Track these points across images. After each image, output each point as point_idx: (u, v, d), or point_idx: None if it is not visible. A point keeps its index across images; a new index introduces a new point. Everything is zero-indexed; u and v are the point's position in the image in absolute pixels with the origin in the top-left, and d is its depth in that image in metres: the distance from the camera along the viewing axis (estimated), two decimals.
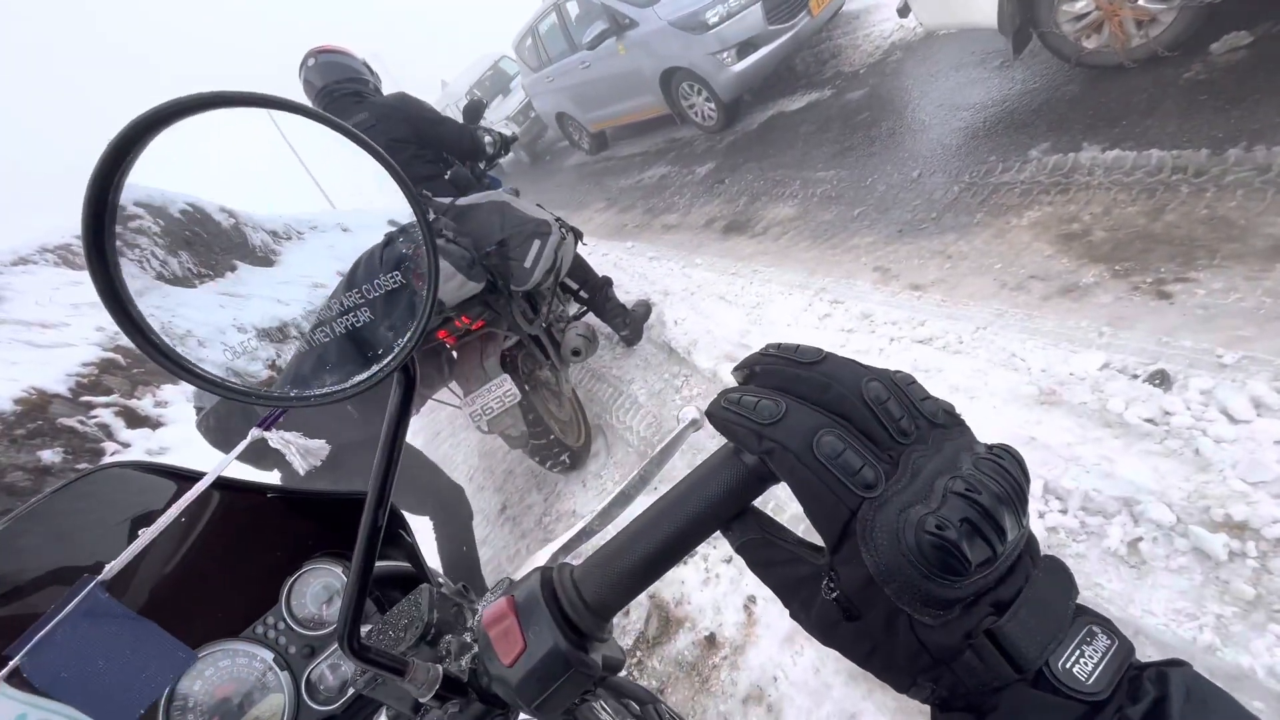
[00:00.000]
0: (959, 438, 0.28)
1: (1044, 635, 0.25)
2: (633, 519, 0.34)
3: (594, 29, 5.45)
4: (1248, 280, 1.64)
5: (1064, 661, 0.24)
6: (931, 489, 0.25)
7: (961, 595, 0.25)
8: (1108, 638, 0.25)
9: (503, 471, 3.36)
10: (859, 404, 0.28)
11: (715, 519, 0.32)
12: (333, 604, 0.52)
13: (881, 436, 0.27)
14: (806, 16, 4.33)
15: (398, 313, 0.40)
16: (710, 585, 1.91)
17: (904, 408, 0.28)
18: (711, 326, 2.86)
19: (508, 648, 0.33)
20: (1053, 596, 0.26)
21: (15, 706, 0.36)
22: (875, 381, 0.28)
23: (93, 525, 0.47)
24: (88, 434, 4.09)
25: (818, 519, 0.28)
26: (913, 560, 0.24)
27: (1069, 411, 1.56)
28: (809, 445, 0.27)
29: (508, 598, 0.35)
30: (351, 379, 0.37)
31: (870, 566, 0.26)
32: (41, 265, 6.67)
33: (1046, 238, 2.19)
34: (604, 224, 5.62)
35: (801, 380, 0.29)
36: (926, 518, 0.24)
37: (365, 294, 0.40)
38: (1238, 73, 2.24)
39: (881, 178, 3.18)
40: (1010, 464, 0.26)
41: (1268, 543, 1.14)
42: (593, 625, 0.34)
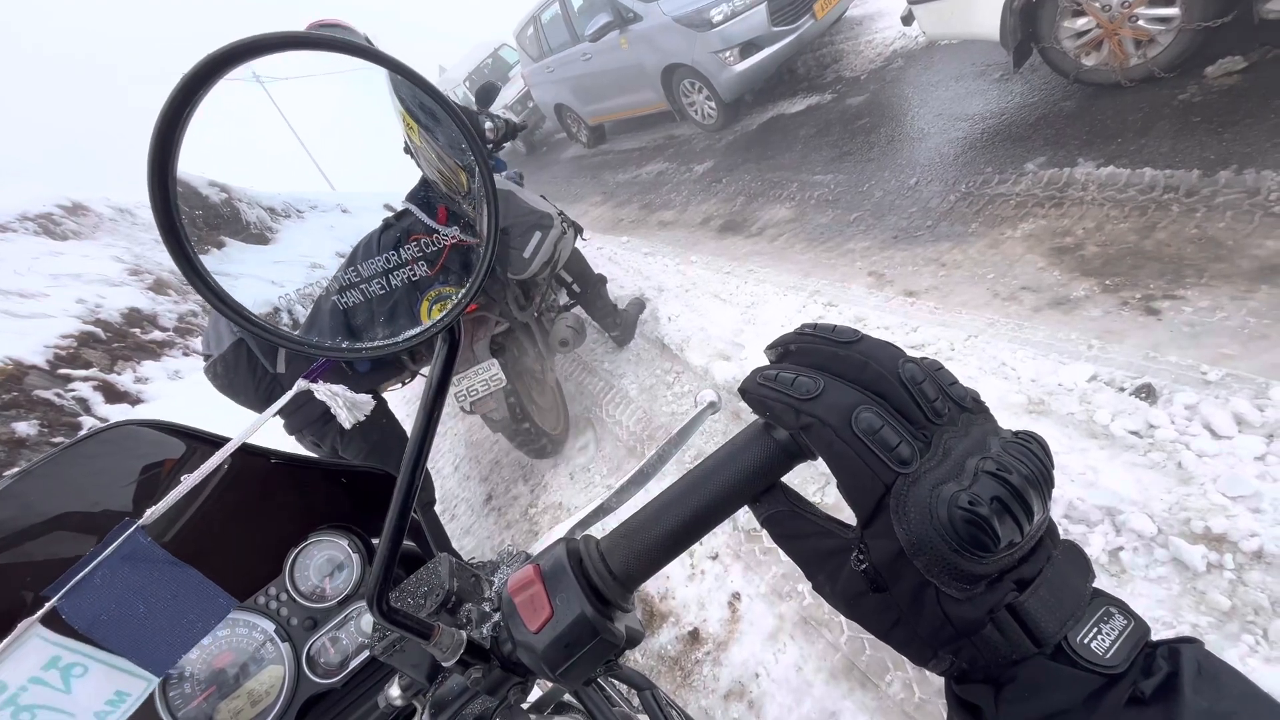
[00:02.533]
0: (985, 423, 0.29)
1: (1063, 612, 0.26)
2: (661, 492, 0.34)
3: (597, 21, 5.42)
4: (1233, 300, 1.68)
5: (1082, 637, 0.25)
6: (963, 468, 0.26)
7: (988, 571, 0.26)
8: (1124, 617, 0.26)
9: (489, 461, 3.34)
10: (896, 384, 0.28)
11: (744, 493, 0.33)
12: (336, 577, 0.52)
13: (917, 416, 0.28)
14: (810, 20, 4.34)
15: (451, 274, 0.41)
16: (696, 581, 1.92)
17: (938, 390, 0.28)
18: (705, 324, 2.86)
19: (534, 614, 0.33)
20: (1071, 577, 0.27)
21: (48, 649, 0.36)
22: (911, 363, 0.29)
23: (111, 477, 0.46)
24: (64, 407, 4.00)
25: (852, 493, 0.28)
26: (944, 535, 0.25)
27: (1057, 421, 1.58)
28: (847, 421, 0.27)
29: (533, 566, 0.35)
30: (402, 333, 0.37)
31: (902, 540, 0.26)
32: (22, 234, 6.52)
33: (1040, 250, 2.22)
34: (600, 218, 5.60)
35: (839, 359, 0.30)
36: (959, 494, 0.25)
37: (424, 248, 0.40)
38: (1231, 96, 2.28)
39: (879, 184, 3.20)
40: (1037, 448, 0.27)
41: (1245, 556, 1.17)
42: (619, 595, 0.35)
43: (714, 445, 0.36)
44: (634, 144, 6.78)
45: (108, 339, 4.94)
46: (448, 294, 0.36)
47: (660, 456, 0.45)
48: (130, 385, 4.61)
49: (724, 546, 1.93)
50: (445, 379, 0.39)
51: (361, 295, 0.39)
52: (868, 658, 1.44)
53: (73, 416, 4.00)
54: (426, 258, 0.43)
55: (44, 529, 0.42)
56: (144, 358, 5.06)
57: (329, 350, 0.34)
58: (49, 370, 4.19)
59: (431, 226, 1.90)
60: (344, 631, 0.54)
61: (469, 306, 0.39)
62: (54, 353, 4.34)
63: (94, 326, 4.93)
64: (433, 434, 0.38)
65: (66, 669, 0.36)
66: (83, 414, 4.08)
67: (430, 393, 0.38)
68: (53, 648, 0.36)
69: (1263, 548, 1.15)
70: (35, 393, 3.91)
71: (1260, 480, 1.23)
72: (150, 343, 5.32)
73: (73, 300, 5.18)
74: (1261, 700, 0.24)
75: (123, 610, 0.34)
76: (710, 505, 0.33)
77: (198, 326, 6.09)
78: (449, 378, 0.39)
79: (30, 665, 0.35)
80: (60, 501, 0.43)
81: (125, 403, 4.41)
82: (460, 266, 0.38)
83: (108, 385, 4.43)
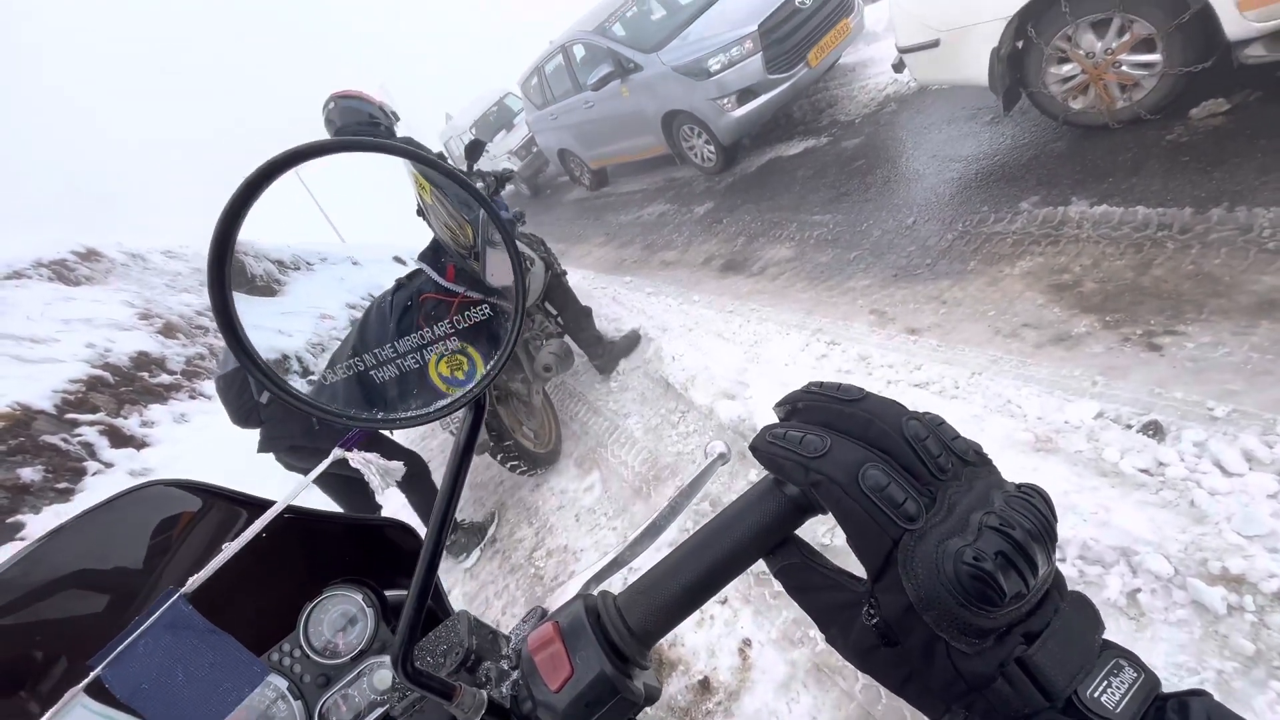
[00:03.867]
0: (989, 476, 0.30)
1: (1072, 665, 0.26)
2: (675, 547, 0.35)
3: (599, 71, 5.63)
4: (1234, 335, 1.69)
5: (1092, 690, 0.25)
6: (968, 523, 0.27)
7: (996, 625, 0.26)
8: (1134, 670, 0.26)
9: (494, 503, 3.31)
10: (900, 441, 0.29)
11: (758, 548, 0.33)
12: (349, 632, 0.52)
13: (921, 472, 0.28)
14: (804, 68, 4.49)
15: (459, 329, 0.43)
16: (705, 627, 1.88)
17: (946, 451, 0.29)
18: (709, 363, 2.88)
19: (554, 673, 0.34)
20: (1080, 629, 0.27)
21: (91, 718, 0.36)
22: (914, 420, 0.30)
23: (140, 537, 0.47)
24: (70, 452, 4.01)
25: (862, 548, 0.29)
26: (951, 589, 0.26)
27: (1065, 459, 1.58)
28: (855, 478, 0.28)
29: (553, 623, 0.36)
30: (432, 405, 0.39)
31: (910, 595, 0.27)
32: (36, 280, 6.64)
33: (1038, 287, 2.25)
34: (603, 258, 5.69)
35: (845, 416, 0.31)
36: (964, 549, 0.26)
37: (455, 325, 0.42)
38: (1217, 136, 2.34)
39: (876, 223, 3.26)
40: (1040, 502, 0.28)
41: (1265, 597, 1.15)
42: (637, 652, 0.35)
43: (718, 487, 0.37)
44: (636, 186, 6.93)
45: (115, 383, 4.98)
46: (457, 349, 0.38)
47: (673, 509, 0.46)
48: (136, 429, 4.62)
49: (733, 590, 1.90)
50: (471, 443, 0.40)
51: (377, 361, 0.41)
52: (883, 707, 1.40)
53: (77, 461, 4.00)
54: (435, 316, 0.46)
55: (77, 589, 0.43)
56: (151, 401, 5.09)
57: (365, 421, 0.36)
58: (56, 415, 4.21)
59: (441, 285, 1.99)
60: (356, 688, 0.53)
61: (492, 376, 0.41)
62: (62, 397, 4.37)
63: (102, 370, 4.97)
64: (459, 495, 0.39)
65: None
66: (87, 459, 4.08)
67: (456, 456, 0.39)
68: (95, 717, 0.36)
69: None
70: (42, 438, 3.92)
71: (1275, 519, 1.22)
72: (157, 386, 5.35)
73: (82, 345, 5.24)
74: None
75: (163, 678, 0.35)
76: (725, 561, 0.33)
77: (205, 369, 6.14)
78: (474, 442, 0.40)
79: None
80: (91, 561, 0.44)
81: (130, 447, 4.41)
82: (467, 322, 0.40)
83: (113, 429, 4.44)
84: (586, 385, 3.55)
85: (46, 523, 3.46)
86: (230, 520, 0.51)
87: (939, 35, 2.84)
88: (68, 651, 0.40)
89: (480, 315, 0.48)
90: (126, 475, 4.05)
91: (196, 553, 0.48)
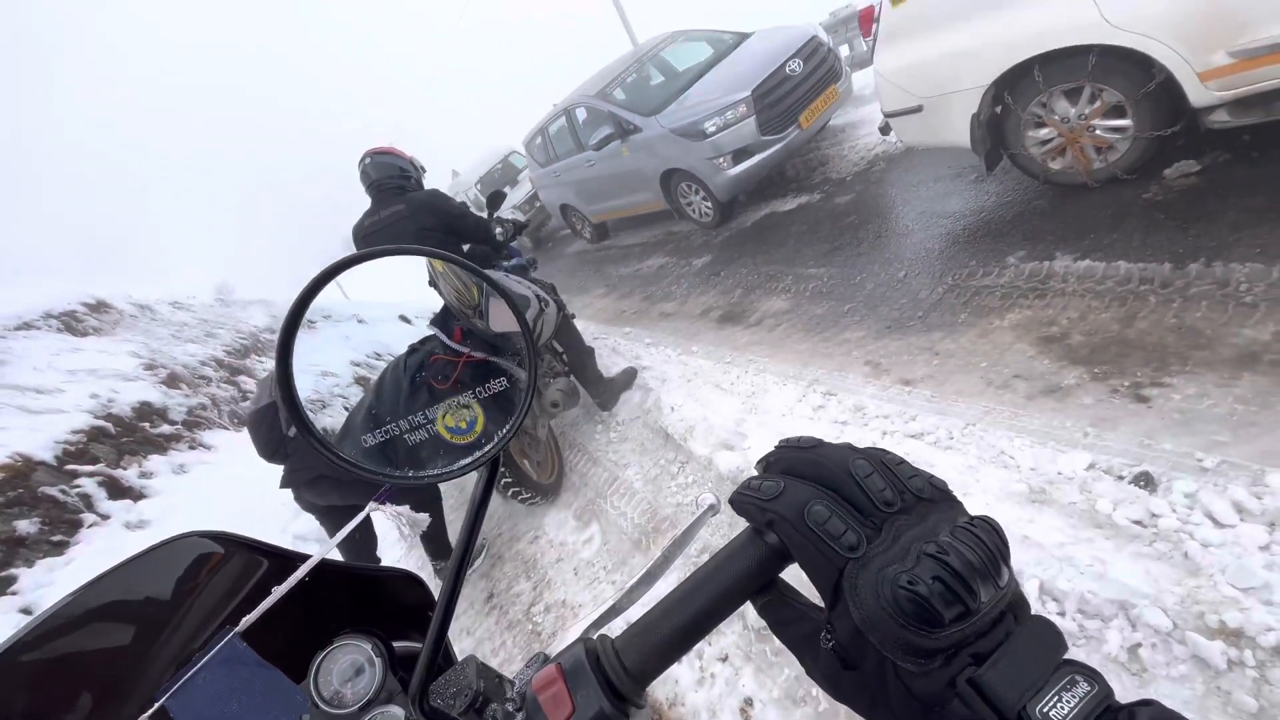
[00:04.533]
0: (946, 510, 0.32)
1: (1024, 683, 0.27)
2: (667, 594, 0.38)
3: (600, 132, 5.89)
4: (1219, 387, 1.73)
5: (1043, 706, 0.26)
6: (909, 551, 0.29)
7: (940, 645, 0.28)
8: (1088, 684, 0.27)
9: (491, 556, 3.28)
10: (846, 478, 0.33)
11: (741, 592, 0.37)
12: (356, 682, 0.54)
13: (865, 505, 0.32)
14: (796, 129, 4.71)
15: (465, 386, 0.50)
16: (706, 686, 1.85)
17: (889, 482, 0.32)
18: (708, 414, 2.91)
19: (557, 710, 0.36)
20: (1036, 649, 0.29)
21: None
22: (861, 459, 0.33)
23: (173, 582, 0.51)
24: (67, 504, 3.98)
25: (814, 578, 0.32)
26: (890, 612, 0.28)
27: (1060, 511, 1.59)
28: (801, 514, 0.32)
29: (555, 665, 0.39)
30: (457, 462, 0.44)
31: (857, 619, 0.29)
32: (44, 331, 6.74)
33: (1028, 339, 2.30)
34: (603, 309, 5.80)
35: (801, 462, 0.35)
36: (900, 575, 0.28)
37: (477, 395, 0.47)
38: (1191, 195, 2.45)
39: (869, 276, 3.35)
40: (984, 531, 0.30)
41: (1265, 651, 1.15)
42: (633, 691, 0.38)
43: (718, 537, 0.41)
44: (635, 239, 7.12)
45: (117, 433, 4.99)
46: (462, 404, 0.43)
47: (666, 558, 0.50)
48: (134, 480, 4.60)
49: (734, 648, 1.87)
50: (486, 497, 0.44)
51: (411, 426, 0.46)
52: None
53: (74, 513, 3.98)
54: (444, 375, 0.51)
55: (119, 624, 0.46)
56: (151, 452, 5.08)
57: (398, 479, 0.41)
58: (56, 466, 4.21)
59: (450, 346, 2.16)
60: None
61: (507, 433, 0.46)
62: (63, 448, 4.38)
63: (104, 421, 4.99)
64: (474, 545, 0.43)
65: None
66: (84, 510, 4.05)
67: (472, 510, 0.43)
68: None
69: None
70: (41, 489, 3.91)
71: (1268, 571, 1.23)
72: (158, 436, 5.36)
73: (86, 395, 5.28)
74: None
75: (220, 709, 0.38)
76: (711, 605, 0.37)
77: (206, 419, 6.16)
78: (489, 496, 0.45)
79: None
80: (132, 600, 0.48)
81: (128, 498, 4.39)
82: (472, 379, 0.46)
83: (112, 480, 4.43)
84: (586, 436, 3.57)
85: (39, 577, 3.42)
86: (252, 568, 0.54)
87: (921, 101, 3.01)
88: (116, 683, 0.44)
89: (489, 377, 0.53)
90: (122, 528, 4.01)
91: (227, 596, 0.52)
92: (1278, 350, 1.74)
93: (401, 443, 0.46)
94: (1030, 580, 1.45)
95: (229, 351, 8.44)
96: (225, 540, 0.54)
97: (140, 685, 0.46)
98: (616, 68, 6.43)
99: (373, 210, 3.11)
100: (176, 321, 9.11)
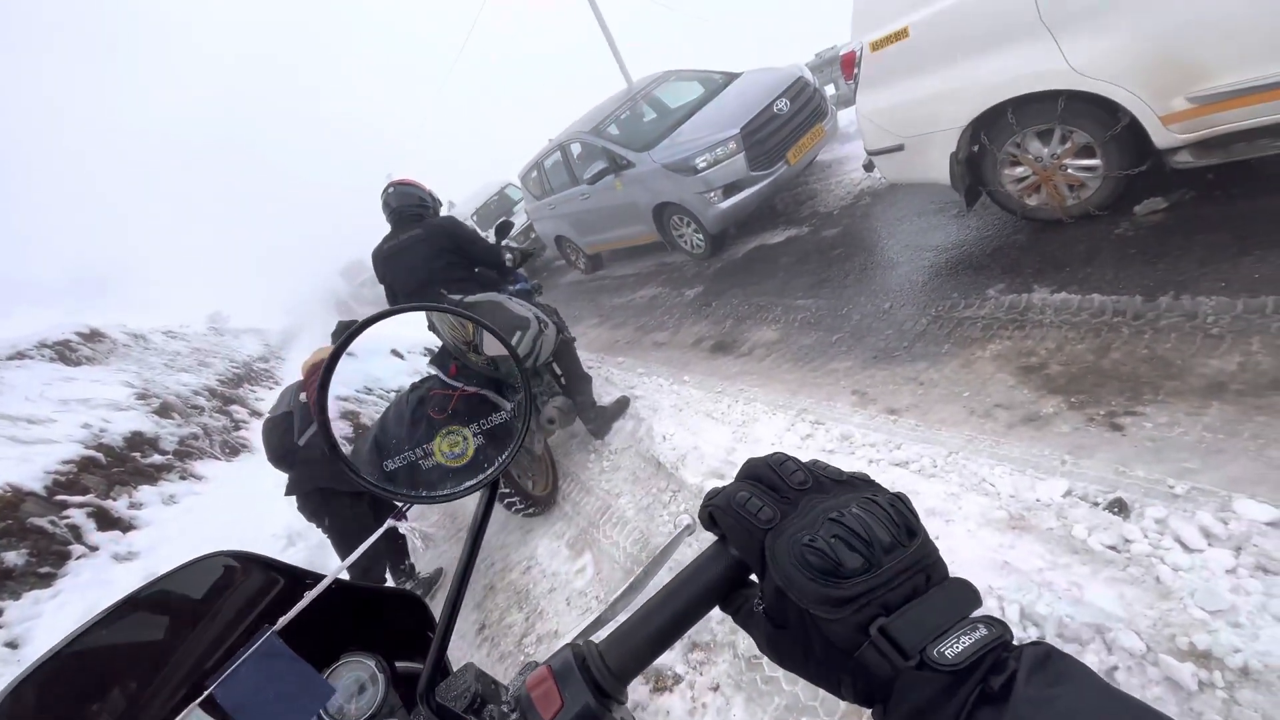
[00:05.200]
0: (863, 489, 0.38)
1: (928, 629, 0.31)
2: (645, 602, 0.43)
3: (595, 167, 6.05)
4: (1189, 415, 1.79)
5: (941, 648, 0.30)
6: (818, 520, 0.35)
7: (848, 594, 0.32)
8: (988, 630, 0.30)
9: (483, 587, 3.27)
10: (765, 469, 0.39)
11: (710, 596, 0.42)
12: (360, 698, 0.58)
13: (781, 486, 0.38)
14: (784, 165, 4.86)
15: (460, 416, 0.56)
16: (697, 716, 1.85)
17: (804, 470, 0.39)
18: (699, 443, 2.95)
19: (548, 706, 0.41)
20: (948, 604, 0.32)
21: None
22: (783, 456, 0.40)
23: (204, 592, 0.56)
24: (56, 535, 3.95)
25: (744, 553, 0.38)
26: (799, 568, 0.33)
27: (1038, 537, 1.63)
28: (729, 500, 0.38)
29: (546, 666, 0.44)
30: (463, 484, 0.51)
31: (777, 579, 0.35)
32: (37, 360, 6.75)
33: (1008, 369, 2.38)
34: (596, 339, 5.87)
35: (746, 468, 0.41)
36: (803, 535, 0.34)
37: (469, 425, 0.54)
38: (1160, 231, 2.56)
39: (856, 308, 3.44)
40: (888, 502, 0.36)
41: (1233, 673, 1.19)
42: (615, 687, 0.42)
43: None
44: (629, 270, 7.25)
45: (108, 463, 4.97)
46: (455, 431, 0.49)
47: (646, 573, 0.55)
48: (124, 511, 4.57)
49: (725, 676, 1.89)
50: (487, 516, 0.50)
51: (424, 454, 0.52)
52: None
53: (63, 545, 3.94)
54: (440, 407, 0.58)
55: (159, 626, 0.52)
56: (141, 482, 5.05)
57: (412, 497, 0.47)
58: (46, 497, 4.18)
59: (445, 381, 2.35)
60: None
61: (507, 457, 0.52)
62: (53, 479, 4.36)
63: (95, 451, 4.97)
64: (475, 558, 0.49)
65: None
66: (73, 542, 4.01)
67: (474, 527, 0.50)
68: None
69: (1248, 664, 1.17)
70: (30, 520, 3.88)
71: (1234, 594, 1.27)
72: (149, 467, 5.33)
73: (78, 425, 5.27)
74: (1087, 684, 0.27)
75: (260, 696, 0.43)
76: (684, 610, 0.42)
77: (198, 449, 6.14)
78: (489, 515, 0.51)
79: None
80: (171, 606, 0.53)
81: (117, 529, 4.35)
82: (466, 410, 0.52)
83: (101, 511, 4.40)
84: (579, 465, 3.59)
85: (25, 610, 3.38)
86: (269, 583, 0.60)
87: (903, 141, 3.14)
88: (154, 675, 0.49)
89: (482, 407, 0.60)
90: (110, 559, 3.97)
91: (249, 605, 0.57)
92: (1243, 380, 1.81)
93: (416, 468, 0.52)
94: (1011, 605, 1.49)
95: (222, 380, 8.44)
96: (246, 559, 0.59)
97: (176, 678, 0.51)
98: (610, 105, 6.64)
99: (392, 235, 3.38)
100: (170, 350, 9.12)
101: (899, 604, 0.32)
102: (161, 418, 6.20)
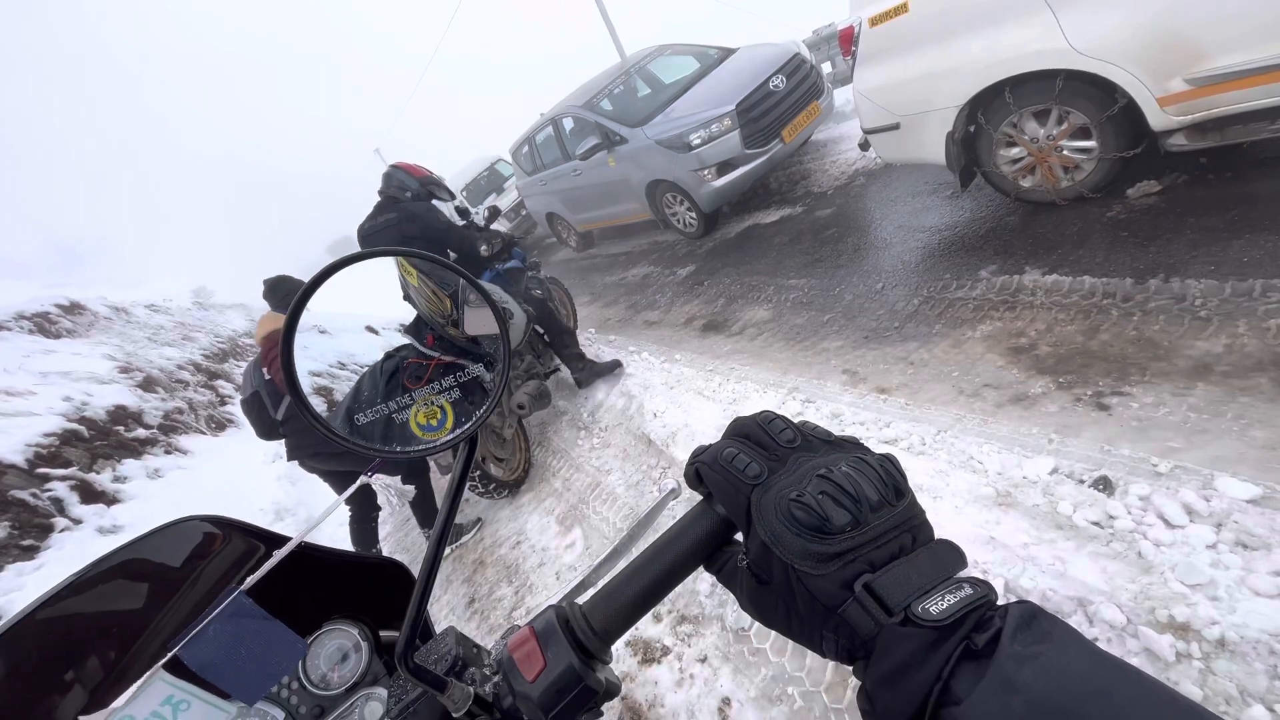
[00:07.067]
0: (851, 450, 0.38)
1: (912, 587, 0.30)
2: (629, 562, 0.42)
3: (587, 142, 5.95)
4: (1174, 396, 1.82)
5: (926, 605, 0.30)
6: (805, 476, 0.35)
7: (833, 550, 0.32)
8: (972, 589, 0.30)
9: (473, 561, 3.28)
10: (754, 427, 0.39)
11: (694, 556, 0.41)
12: (344, 665, 0.57)
13: (770, 445, 0.37)
14: (779, 143, 4.81)
15: (435, 385, 0.54)
16: (684, 687, 1.88)
17: (793, 429, 0.38)
18: (690, 420, 2.95)
19: (530, 666, 0.40)
20: (931, 562, 0.32)
21: (166, 689, 0.45)
22: (771, 414, 0.39)
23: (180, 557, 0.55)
24: (39, 508, 3.90)
25: (730, 509, 0.37)
26: (786, 523, 0.33)
27: (1024, 513, 1.65)
28: (716, 457, 0.38)
29: (528, 627, 0.43)
30: (437, 440, 0.49)
31: (763, 535, 0.34)
32: (16, 332, 6.61)
33: (998, 350, 2.39)
34: (588, 317, 5.83)
35: (734, 426, 0.41)
36: (790, 490, 0.34)
37: (457, 379, 0.52)
38: (1152, 214, 2.57)
39: (848, 288, 3.44)
40: (877, 462, 0.36)
41: (1209, 644, 1.21)
42: (599, 648, 0.41)
43: None
44: (620, 249, 7.19)
45: (90, 437, 4.90)
46: (435, 399, 0.48)
47: (630, 537, 0.54)
48: (107, 484, 4.51)
49: (713, 649, 1.91)
50: (465, 473, 0.49)
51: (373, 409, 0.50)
52: None
53: (46, 517, 3.89)
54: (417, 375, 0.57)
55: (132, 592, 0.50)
56: (125, 456, 4.99)
57: (384, 452, 0.45)
58: (28, 470, 4.12)
59: (421, 351, 2.34)
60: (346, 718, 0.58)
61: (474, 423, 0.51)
62: (35, 451, 4.29)
63: (78, 424, 4.90)
64: (454, 516, 0.47)
65: (176, 705, 0.45)
66: (56, 515, 3.97)
67: (453, 485, 0.48)
68: (169, 688, 0.44)
69: (1225, 636, 1.20)
70: (11, 493, 3.82)
71: (1214, 569, 1.29)
72: (133, 440, 5.26)
73: (59, 398, 5.18)
74: (1073, 642, 0.27)
75: (228, 655, 0.42)
76: (668, 571, 0.41)
77: (183, 424, 6.07)
78: (468, 472, 0.49)
79: (152, 702, 0.44)
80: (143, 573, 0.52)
81: (101, 502, 4.30)
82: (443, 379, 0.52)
83: (85, 484, 4.34)
84: (569, 442, 3.59)
85: (8, 581, 3.35)
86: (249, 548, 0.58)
87: (899, 119, 3.11)
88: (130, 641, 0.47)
89: (455, 373, 0.59)
90: (94, 532, 3.93)
91: (228, 570, 0.55)
92: (1229, 362, 1.84)
93: (391, 422, 0.50)
94: (996, 579, 1.51)
95: (207, 355, 8.32)
96: (224, 524, 0.57)
97: (152, 644, 0.49)
98: (604, 79, 6.51)
99: (371, 216, 3.46)
100: (153, 324, 8.97)
101: (884, 562, 0.32)
102: (145, 392, 6.11)
